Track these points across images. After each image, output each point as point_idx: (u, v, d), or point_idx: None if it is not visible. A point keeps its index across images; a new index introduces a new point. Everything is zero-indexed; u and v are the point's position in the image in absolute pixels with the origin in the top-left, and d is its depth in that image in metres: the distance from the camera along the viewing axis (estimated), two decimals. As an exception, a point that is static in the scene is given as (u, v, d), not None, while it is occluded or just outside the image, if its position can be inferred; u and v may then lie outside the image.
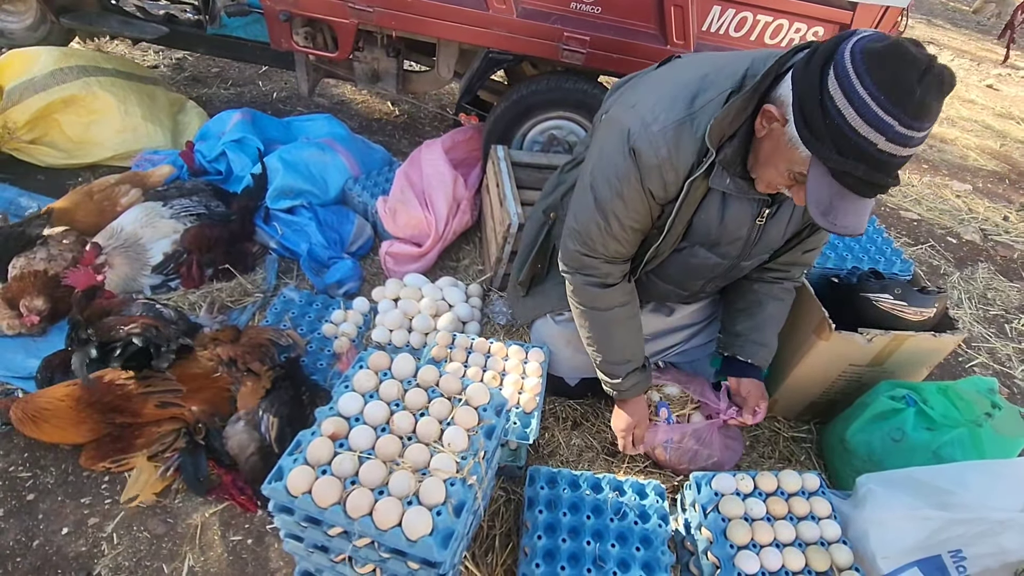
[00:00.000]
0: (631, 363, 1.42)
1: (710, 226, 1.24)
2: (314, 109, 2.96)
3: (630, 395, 1.46)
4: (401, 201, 2.11)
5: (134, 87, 2.28)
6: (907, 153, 0.89)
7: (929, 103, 0.85)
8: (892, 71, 0.85)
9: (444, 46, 2.24)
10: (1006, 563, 1.22)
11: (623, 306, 1.36)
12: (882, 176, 0.91)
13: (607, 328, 1.39)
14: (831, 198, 0.96)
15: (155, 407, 1.46)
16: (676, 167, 1.13)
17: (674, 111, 1.10)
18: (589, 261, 1.31)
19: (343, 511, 1.00)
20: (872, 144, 0.88)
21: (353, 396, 1.17)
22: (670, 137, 1.10)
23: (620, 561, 1.27)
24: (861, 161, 0.90)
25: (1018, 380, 2.22)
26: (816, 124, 0.93)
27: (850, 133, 0.89)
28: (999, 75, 5.76)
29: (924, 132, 0.88)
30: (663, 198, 1.19)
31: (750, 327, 1.47)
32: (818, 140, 0.93)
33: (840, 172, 0.93)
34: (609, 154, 1.19)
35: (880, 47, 0.86)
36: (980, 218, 3.25)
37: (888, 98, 0.85)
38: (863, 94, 0.86)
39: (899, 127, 0.86)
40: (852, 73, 0.87)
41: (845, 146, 0.90)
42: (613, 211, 1.22)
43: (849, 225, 0.97)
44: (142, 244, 1.80)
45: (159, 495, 1.40)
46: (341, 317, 1.84)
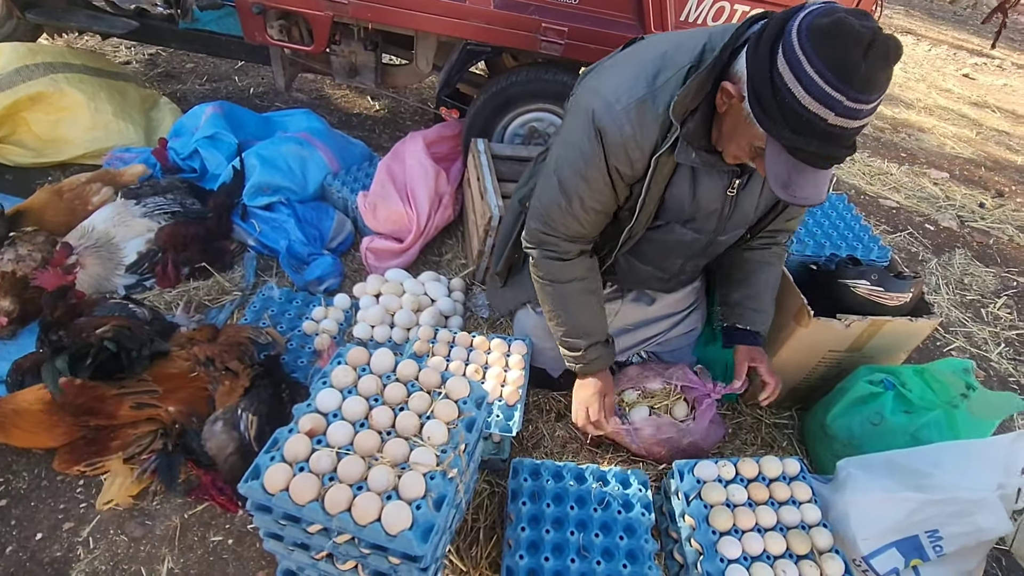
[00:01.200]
0: (592, 336, 1.42)
1: (683, 201, 1.25)
2: (292, 104, 2.92)
3: (592, 368, 1.46)
4: (381, 196, 2.09)
5: (104, 83, 2.23)
6: (857, 125, 0.91)
7: (875, 76, 0.87)
8: (837, 47, 0.86)
9: (422, 38, 2.22)
10: (981, 541, 1.24)
11: (581, 280, 1.37)
12: (835, 148, 0.94)
13: (567, 300, 1.40)
14: (789, 172, 0.98)
15: (130, 408, 1.43)
16: (641, 144, 1.14)
17: (636, 90, 1.11)
18: (548, 239, 1.33)
19: (321, 508, 0.99)
20: (822, 120, 0.90)
21: (331, 392, 1.16)
22: (633, 115, 1.12)
23: (604, 550, 1.27)
24: (813, 137, 0.92)
25: (994, 363, 2.26)
26: (768, 103, 0.95)
27: (800, 110, 0.91)
28: (975, 64, 5.85)
29: (873, 104, 0.90)
30: (631, 177, 1.20)
31: (746, 295, 1.49)
32: (771, 119, 0.95)
33: (794, 148, 0.95)
34: (574, 137, 1.20)
35: (825, 23, 0.87)
36: (957, 205, 3.30)
37: (835, 74, 0.86)
38: (810, 72, 0.88)
39: (847, 102, 0.88)
40: (799, 51, 0.89)
41: (796, 123, 0.92)
42: (576, 192, 1.23)
43: (809, 196, 1.00)
44: (115, 243, 1.77)
45: (136, 498, 1.38)
46: (322, 314, 1.82)
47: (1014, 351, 2.34)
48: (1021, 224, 3.23)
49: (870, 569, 1.31)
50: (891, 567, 1.30)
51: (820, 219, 2.01)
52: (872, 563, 1.30)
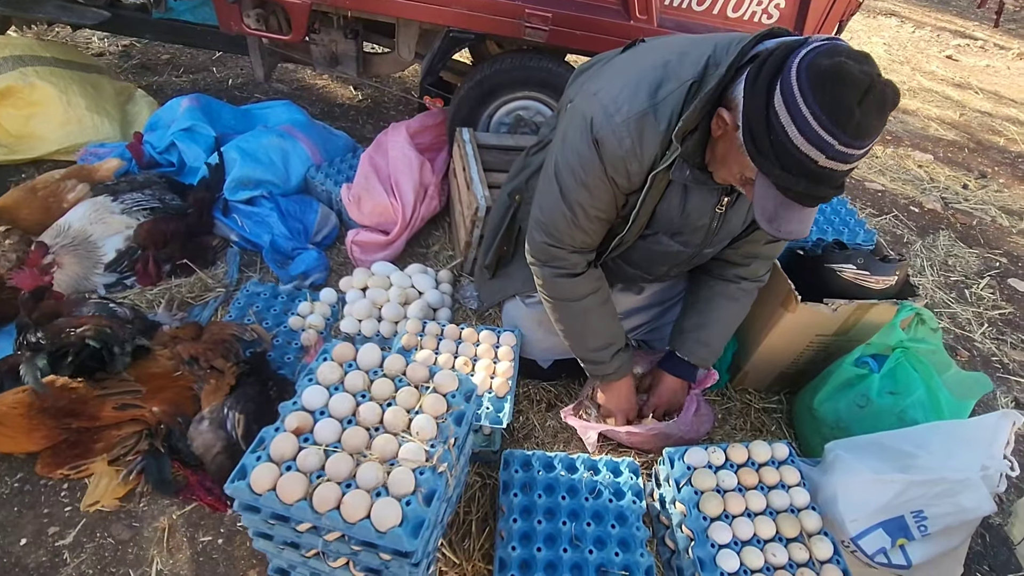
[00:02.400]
0: (614, 345, 1.42)
1: (672, 216, 1.24)
2: (272, 95, 2.85)
3: (617, 377, 1.47)
4: (365, 188, 2.06)
5: (76, 76, 2.16)
6: (847, 168, 0.91)
7: (869, 123, 0.87)
8: (835, 92, 0.86)
9: (403, 26, 2.17)
10: (964, 520, 1.26)
11: (594, 293, 1.36)
12: (823, 189, 0.94)
13: (582, 317, 1.39)
14: (776, 208, 0.99)
15: (113, 409, 1.40)
16: (640, 159, 1.13)
17: (637, 101, 1.09)
18: (556, 252, 1.30)
19: (310, 506, 0.98)
20: (813, 161, 0.90)
21: (317, 389, 1.14)
22: (633, 128, 1.10)
23: (596, 539, 1.28)
24: (802, 176, 0.92)
25: (977, 343, 2.29)
26: (761, 139, 0.94)
27: (792, 150, 0.90)
28: (958, 46, 5.87)
29: (864, 149, 0.90)
30: (627, 188, 1.19)
31: (696, 324, 1.48)
32: (762, 155, 0.95)
33: (783, 186, 0.95)
34: (573, 144, 1.18)
35: (826, 65, 0.87)
36: (941, 187, 3.33)
37: (829, 118, 0.86)
38: (806, 113, 0.88)
39: (838, 146, 0.87)
40: (797, 91, 0.88)
41: (787, 162, 0.92)
42: (578, 201, 1.21)
43: (793, 231, 1.01)
44: (92, 241, 1.72)
45: (122, 500, 1.36)
46: (308, 309, 1.80)
47: (997, 331, 2.38)
48: (1003, 205, 3.27)
49: (858, 549, 1.33)
50: (879, 547, 1.32)
51: (807, 204, 2.02)
52: (860, 543, 1.32)
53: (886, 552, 1.32)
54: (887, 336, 1.53)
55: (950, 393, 1.51)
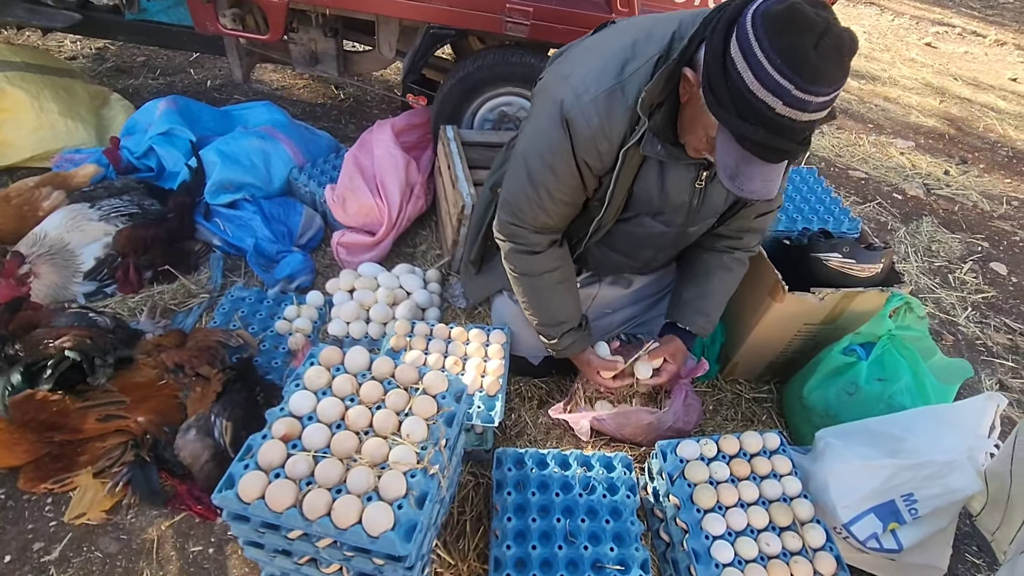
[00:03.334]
0: (566, 324, 1.43)
1: (651, 194, 1.24)
2: (252, 96, 2.81)
3: (568, 353, 1.48)
4: (350, 189, 2.03)
5: (48, 81, 2.11)
6: (807, 118, 0.89)
7: (825, 67, 0.85)
8: (789, 35, 0.85)
9: (383, 23, 2.15)
10: (953, 501, 1.27)
11: (553, 271, 1.37)
12: (783, 141, 0.92)
13: (539, 292, 1.40)
14: (737, 163, 0.97)
15: (97, 421, 1.38)
16: (609, 136, 1.12)
17: (604, 80, 1.09)
18: (517, 230, 1.31)
19: (300, 513, 0.97)
20: (770, 108, 0.88)
21: (305, 394, 1.13)
22: (602, 106, 1.09)
23: (591, 535, 1.28)
24: (760, 125, 0.91)
25: (962, 327, 2.32)
26: (719, 88, 0.93)
27: (749, 96, 0.89)
28: (936, 33, 5.93)
29: (823, 97, 0.88)
30: (600, 169, 1.18)
31: (695, 295, 1.48)
32: (720, 104, 0.94)
33: (741, 136, 0.94)
34: (542, 126, 1.17)
35: (780, 10, 0.86)
36: (923, 173, 3.36)
37: (784, 62, 0.85)
38: (761, 58, 0.86)
39: (795, 91, 0.86)
40: (752, 37, 0.87)
41: (745, 109, 0.91)
42: (544, 183, 1.21)
43: (756, 190, 0.99)
44: (70, 250, 1.69)
45: (109, 512, 1.33)
46: (294, 313, 1.77)
47: (980, 314, 2.41)
48: (984, 190, 3.31)
49: (850, 535, 1.34)
50: (870, 532, 1.33)
51: (792, 193, 2.03)
52: (852, 529, 1.33)
53: (878, 537, 1.33)
54: (876, 326, 1.54)
55: (935, 378, 1.53)
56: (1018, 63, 5.54)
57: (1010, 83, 5.01)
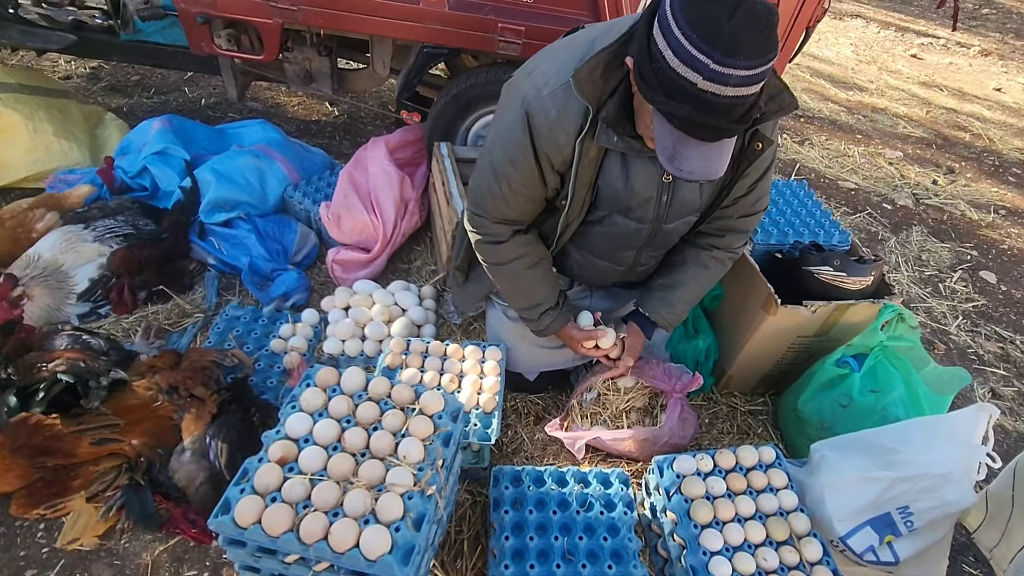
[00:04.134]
0: (542, 305, 1.45)
1: (616, 189, 1.24)
2: (247, 114, 2.83)
3: (550, 332, 1.49)
4: (345, 206, 2.04)
5: (42, 102, 2.12)
6: (731, 93, 0.89)
7: (742, 39, 0.85)
8: (702, 8, 0.86)
9: (377, 42, 2.17)
10: (948, 514, 1.28)
11: (520, 258, 1.38)
12: (712, 117, 0.92)
13: (512, 279, 1.42)
14: (674, 144, 0.98)
15: (90, 445, 1.36)
16: (566, 128, 1.14)
17: (562, 74, 1.11)
18: (481, 220, 1.34)
19: (296, 538, 0.96)
20: (692, 84, 0.89)
21: (301, 416, 1.13)
22: (560, 99, 1.12)
23: (589, 552, 1.27)
24: (685, 102, 0.91)
25: (953, 336, 2.34)
26: (646, 69, 0.95)
27: (671, 74, 0.90)
28: (922, 44, 6.04)
29: (744, 71, 0.87)
30: (560, 163, 1.20)
31: (663, 284, 1.49)
32: (648, 85, 0.95)
33: (669, 115, 0.94)
34: (506, 120, 1.20)
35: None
36: (912, 183, 3.41)
37: (700, 36, 0.86)
38: (677, 34, 0.88)
39: (712, 65, 0.86)
40: (669, 15, 0.89)
41: (670, 87, 0.91)
42: (505, 175, 1.24)
43: (695, 170, 0.99)
44: (64, 271, 1.68)
45: (102, 537, 1.32)
46: (290, 331, 1.77)
47: (971, 323, 2.43)
48: (972, 199, 3.36)
49: (847, 548, 1.34)
50: (867, 545, 1.34)
51: (783, 207, 2.05)
52: (848, 543, 1.34)
53: (874, 550, 1.34)
54: (869, 337, 1.55)
55: (929, 388, 1.54)
56: (1002, 73, 5.64)
57: (995, 93, 5.10)
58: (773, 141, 1.21)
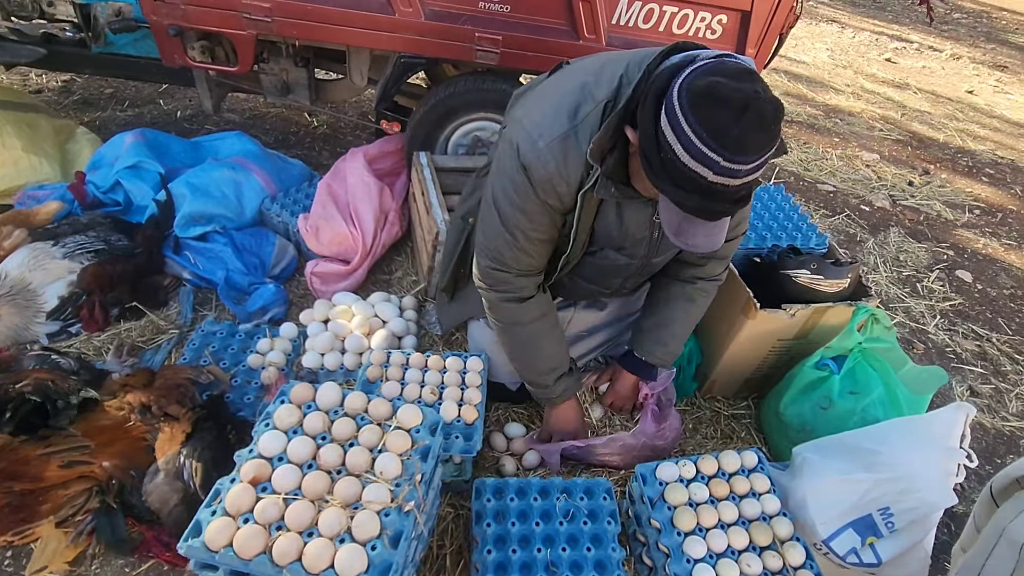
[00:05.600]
0: (557, 370, 1.44)
1: (612, 231, 1.26)
2: (223, 126, 2.80)
3: (561, 400, 1.48)
4: (323, 217, 2.02)
5: (10, 116, 2.07)
6: (739, 183, 0.93)
7: (749, 139, 0.89)
8: (711, 111, 0.89)
9: (354, 53, 2.16)
10: (927, 514, 1.29)
11: (543, 318, 1.37)
12: (719, 203, 0.96)
13: (530, 342, 1.40)
14: (680, 222, 1.02)
15: (59, 468, 1.32)
16: (567, 179, 1.14)
17: (557, 125, 1.12)
18: (502, 276, 1.31)
19: (269, 560, 0.94)
20: (702, 177, 0.92)
21: (275, 434, 1.10)
22: (557, 151, 1.12)
23: (572, 564, 1.26)
24: (695, 192, 0.95)
25: (931, 335, 2.38)
26: (653, 158, 0.97)
27: (681, 167, 0.93)
28: (896, 49, 6.17)
29: (752, 164, 0.91)
30: (561, 209, 1.20)
31: (653, 324, 1.51)
32: (655, 174, 0.98)
33: (678, 202, 0.98)
34: (506, 171, 1.19)
35: (701, 86, 0.90)
36: (889, 185, 3.47)
37: (710, 136, 0.89)
38: (688, 132, 0.90)
39: (723, 162, 0.90)
40: (678, 112, 0.91)
41: (679, 178, 0.95)
42: (518, 226, 1.22)
43: (700, 244, 1.03)
44: (32, 289, 1.64)
45: (72, 563, 1.28)
46: (267, 346, 1.74)
47: (949, 322, 2.47)
48: (947, 199, 3.42)
49: (830, 551, 1.34)
50: (849, 547, 1.34)
51: (761, 211, 2.07)
52: (831, 545, 1.34)
53: (857, 552, 1.34)
54: (845, 339, 1.57)
55: (907, 389, 1.55)
56: (974, 76, 5.78)
57: (967, 95, 5.22)
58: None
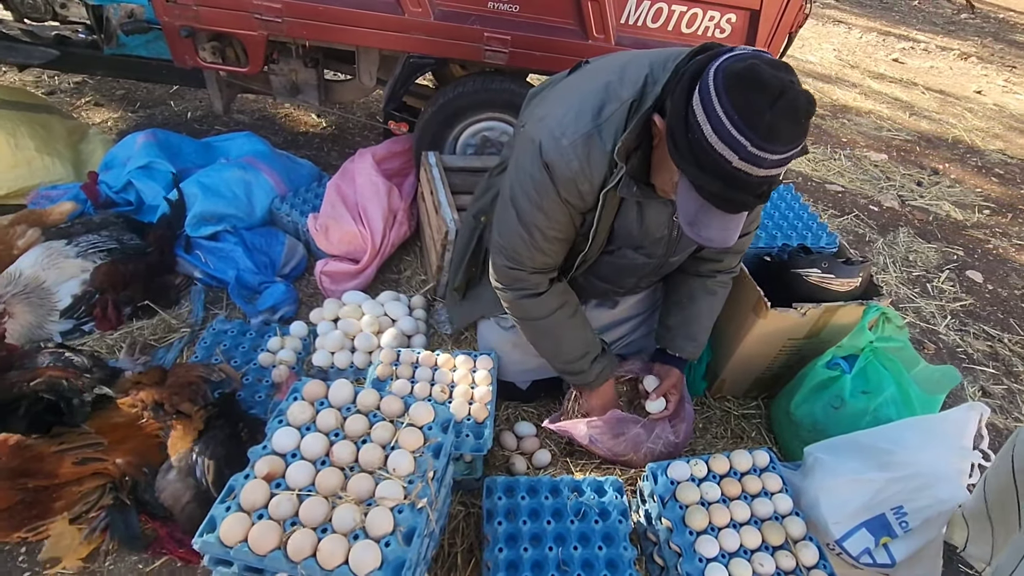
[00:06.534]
0: (590, 354, 1.43)
1: (632, 230, 1.27)
2: (233, 127, 2.81)
3: (600, 382, 1.47)
4: (332, 217, 2.03)
5: (24, 117, 2.09)
6: (762, 174, 0.92)
7: (780, 127, 0.88)
8: (746, 94, 0.89)
9: (363, 53, 2.17)
10: (941, 512, 1.28)
11: (561, 308, 1.37)
12: (739, 193, 0.95)
13: (553, 333, 1.39)
14: (696, 211, 1.01)
15: (73, 465, 1.33)
16: (590, 178, 1.14)
17: (581, 124, 1.12)
18: (517, 274, 1.31)
19: (284, 556, 0.94)
20: (727, 161, 0.92)
21: (288, 431, 1.11)
22: (580, 150, 1.12)
23: (584, 562, 1.26)
24: (718, 178, 0.94)
25: (942, 336, 2.36)
26: (680, 137, 0.97)
27: (707, 148, 0.93)
28: (903, 49, 6.14)
29: (779, 155, 0.91)
30: (582, 208, 1.20)
31: (680, 321, 1.51)
32: (680, 154, 0.97)
33: (699, 186, 0.97)
34: (525, 169, 1.19)
35: (739, 68, 0.90)
36: (897, 185, 3.45)
37: (741, 118, 0.89)
38: (719, 112, 0.90)
39: (751, 147, 0.89)
40: (712, 92, 0.91)
41: (704, 161, 0.94)
42: (535, 224, 1.22)
43: (714, 238, 1.02)
44: (46, 288, 1.65)
45: (86, 560, 1.29)
46: (278, 344, 1.75)
47: (959, 322, 2.45)
48: (956, 200, 3.40)
49: (843, 551, 1.33)
50: (863, 547, 1.33)
51: (771, 211, 2.06)
52: (844, 545, 1.33)
53: (871, 552, 1.33)
54: (856, 338, 1.56)
55: (920, 388, 1.54)
56: (982, 76, 5.74)
57: (976, 95, 5.19)
58: None
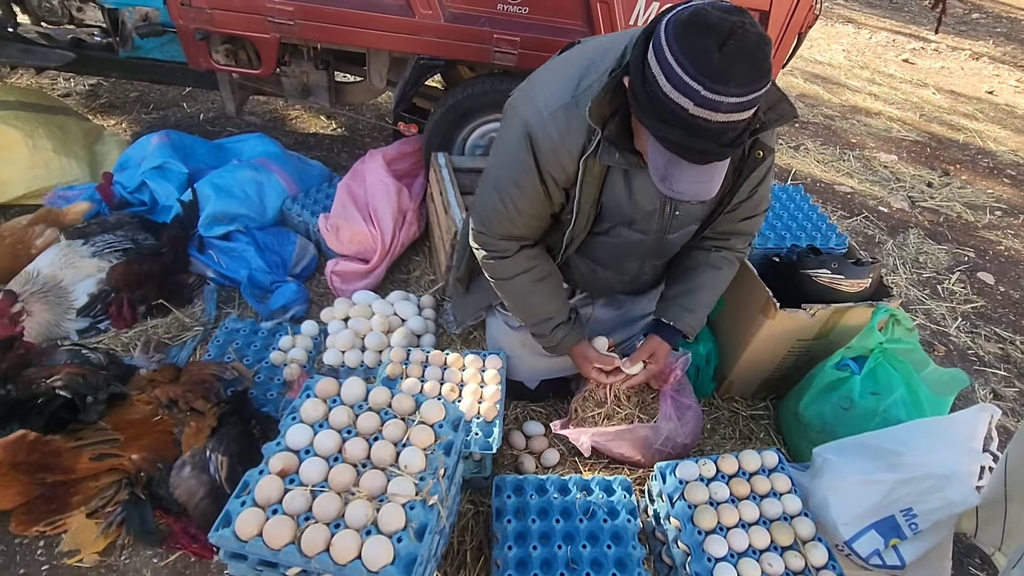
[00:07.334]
0: (553, 320, 1.44)
1: (621, 203, 1.26)
2: (245, 128, 2.85)
3: (563, 348, 1.48)
4: (343, 217, 2.05)
5: (42, 119, 2.13)
6: (722, 119, 0.90)
7: (732, 69, 0.87)
8: (694, 38, 0.88)
9: (374, 55, 2.19)
10: (952, 514, 1.27)
11: (527, 272, 1.38)
12: (702, 141, 0.94)
13: (519, 294, 1.42)
14: (666, 165, 1.00)
15: (90, 460, 1.36)
16: (569, 149, 1.16)
17: (562, 95, 1.13)
18: (485, 239, 1.35)
19: (298, 550, 0.96)
20: (683, 109, 0.91)
21: (302, 428, 1.12)
22: (560, 121, 1.13)
23: (593, 561, 1.27)
24: (677, 126, 0.93)
25: (953, 337, 2.34)
26: (639, 92, 0.97)
27: (664, 98, 0.92)
28: (913, 49, 6.09)
29: (736, 99, 0.89)
30: (565, 181, 1.21)
31: (680, 291, 1.48)
32: (641, 108, 0.98)
33: (661, 137, 0.97)
34: (509, 143, 1.21)
35: (685, 15, 0.90)
36: (907, 186, 3.43)
37: (691, 64, 0.88)
38: (671, 60, 0.90)
39: (704, 92, 0.88)
40: (663, 41, 0.91)
41: (662, 112, 0.94)
42: (510, 196, 1.25)
43: (685, 191, 1.01)
44: (63, 287, 1.69)
45: (102, 554, 1.31)
46: (289, 343, 1.77)
47: (970, 324, 2.44)
48: (967, 201, 3.37)
49: (853, 553, 1.33)
50: (872, 549, 1.33)
51: (779, 211, 2.06)
52: (854, 547, 1.33)
53: (880, 553, 1.33)
54: (866, 339, 1.56)
55: (929, 390, 1.54)
56: (993, 76, 5.69)
57: (987, 95, 5.15)
58: (773, 149, 1.24)
